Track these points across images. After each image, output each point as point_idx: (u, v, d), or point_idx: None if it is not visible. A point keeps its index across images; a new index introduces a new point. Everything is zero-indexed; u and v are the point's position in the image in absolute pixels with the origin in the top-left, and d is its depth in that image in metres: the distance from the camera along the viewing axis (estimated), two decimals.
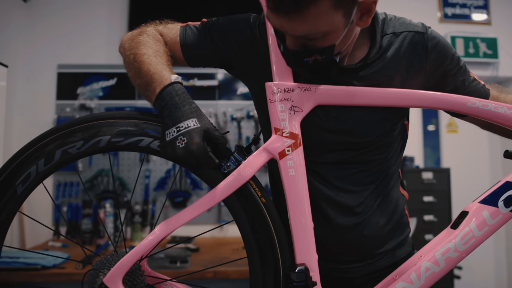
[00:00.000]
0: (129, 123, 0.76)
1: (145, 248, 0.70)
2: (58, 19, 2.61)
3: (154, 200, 2.57)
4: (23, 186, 0.75)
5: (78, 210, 2.43)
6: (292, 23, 0.65)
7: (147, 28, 0.86)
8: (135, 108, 2.56)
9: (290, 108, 0.76)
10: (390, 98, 0.78)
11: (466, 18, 2.96)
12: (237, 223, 0.76)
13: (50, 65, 2.57)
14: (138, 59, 0.77)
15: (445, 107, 0.79)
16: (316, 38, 0.68)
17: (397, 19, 0.83)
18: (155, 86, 0.73)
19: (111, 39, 2.63)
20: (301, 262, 0.74)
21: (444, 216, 2.25)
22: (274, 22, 0.68)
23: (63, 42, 2.60)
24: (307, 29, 0.66)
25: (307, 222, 0.75)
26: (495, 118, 0.79)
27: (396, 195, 0.93)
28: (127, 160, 2.58)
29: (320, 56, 0.70)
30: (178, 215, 0.71)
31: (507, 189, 0.78)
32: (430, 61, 0.81)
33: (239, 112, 2.66)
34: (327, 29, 0.66)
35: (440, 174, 2.31)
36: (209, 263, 1.79)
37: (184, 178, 2.59)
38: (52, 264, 1.71)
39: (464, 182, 2.78)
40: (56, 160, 0.75)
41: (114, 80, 2.60)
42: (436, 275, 0.75)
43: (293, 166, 0.75)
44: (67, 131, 0.76)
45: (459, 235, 0.76)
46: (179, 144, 0.67)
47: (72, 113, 2.54)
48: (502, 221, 0.77)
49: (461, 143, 3.01)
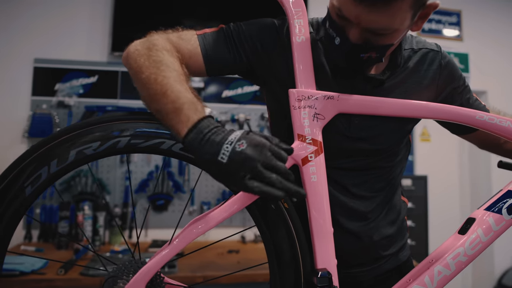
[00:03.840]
0: (150, 124, 0.74)
1: (170, 254, 0.68)
2: (36, 11, 2.49)
3: (135, 203, 2.51)
4: (32, 187, 0.71)
5: (52, 212, 2.32)
6: (372, 14, 0.65)
7: (160, 40, 0.76)
8: (117, 107, 2.48)
9: (314, 116, 0.78)
10: (406, 109, 0.81)
11: (440, 33, 3.12)
12: (259, 228, 0.76)
13: (26, 59, 2.45)
14: (161, 82, 0.68)
15: (455, 119, 0.84)
16: (384, 34, 0.69)
17: (413, 37, 0.90)
18: (188, 117, 0.65)
19: (93, 34, 2.54)
20: (322, 267, 0.75)
21: (421, 221, 2.35)
22: (350, 11, 0.67)
23: (41, 35, 2.48)
24: (384, 23, 0.67)
25: (328, 227, 0.77)
26: (500, 131, 0.85)
27: (399, 202, 0.98)
28: (107, 160, 2.50)
29: (376, 53, 0.72)
30: (205, 219, 0.70)
31: (509, 197, 0.84)
32: (442, 77, 0.88)
33: (223, 115, 2.65)
34: (397, 27, 0.68)
35: (418, 181, 2.41)
36: (198, 268, 1.77)
37: (167, 181, 2.54)
38: (30, 269, 1.62)
39: (437, 188, 2.92)
40: (70, 161, 0.72)
41: (95, 78, 2.51)
42: (447, 278, 0.78)
43: (315, 172, 0.77)
44: (83, 130, 0.73)
45: (468, 240, 0.80)
46: (239, 148, 0.60)
47: (49, 110, 2.42)
48: (505, 227, 0.83)
49: (433, 151, 3.16)
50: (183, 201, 2.56)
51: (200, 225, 0.69)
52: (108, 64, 2.51)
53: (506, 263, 2.90)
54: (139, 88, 0.73)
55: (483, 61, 3.10)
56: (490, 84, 3.10)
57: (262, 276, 1.78)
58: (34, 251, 2.07)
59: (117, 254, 2.05)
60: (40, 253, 2.04)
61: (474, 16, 3.14)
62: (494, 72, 3.12)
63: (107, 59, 2.52)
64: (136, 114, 0.75)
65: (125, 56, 0.77)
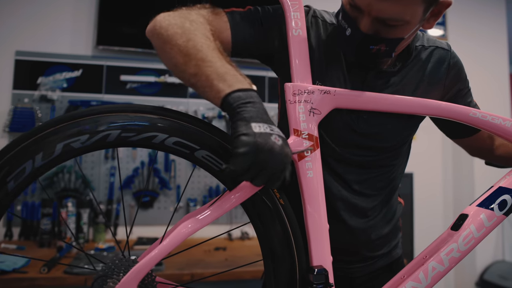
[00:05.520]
0: (142, 117, 0.72)
1: (164, 252, 0.66)
2: (18, 1, 2.40)
3: (119, 200, 2.45)
4: (15, 182, 0.67)
5: (34, 209, 2.25)
6: (384, 3, 0.66)
7: (192, 13, 0.76)
8: (101, 102, 2.42)
9: (310, 110, 0.76)
10: (401, 105, 0.81)
11: (425, 33, 3.16)
12: (254, 225, 0.75)
13: (7, 51, 2.36)
14: (200, 48, 0.66)
15: (450, 115, 0.84)
16: (394, 26, 0.70)
17: (424, 35, 0.91)
18: (238, 80, 0.63)
19: (77, 27, 2.46)
20: (318, 264, 0.74)
21: (406, 218, 2.39)
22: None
23: (23, 27, 2.40)
24: (395, 13, 0.67)
25: (324, 224, 0.76)
26: (492, 128, 0.85)
27: (396, 202, 1.01)
28: (91, 156, 2.44)
29: (385, 46, 0.72)
30: (198, 215, 0.68)
31: (500, 194, 0.85)
32: (450, 76, 0.90)
33: (211, 111, 2.62)
34: (408, 19, 0.69)
35: (404, 179, 2.43)
36: (185, 266, 1.74)
37: (153, 177, 2.49)
38: (12, 268, 1.56)
39: (422, 186, 2.96)
40: (56, 155, 0.69)
41: (80, 72, 2.43)
42: (441, 274, 0.79)
43: (311, 168, 0.75)
44: (71, 123, 0.70)
45: (461, 236, 0.80)
46: (275, 141, 0.58)
47: (31, 104, 2.34)
48: (496, 223, 0.84)
49: (418, 149, 3.20)
50: (169, 197, 2.53)
51: (191, 224, 0.67)
52: (93, 58, 2.44)
53: (488, 259, 2.97)
54: (169, 56, 0.70)
55: (467, 60, 3.15)
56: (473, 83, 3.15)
57: (250, 273, 1.77)
58: (16, 249, 2.01)
59: (101, 252, 2.00)
60: (21, 251, 1.98)
61: (458, 15, 3.19)
62: (478, 70, 3.18)
63: (92, 52, 2.45)
64: (127, 106, 0.72)
65: (152, 26, 0.74)
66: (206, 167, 0.73)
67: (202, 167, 0.73)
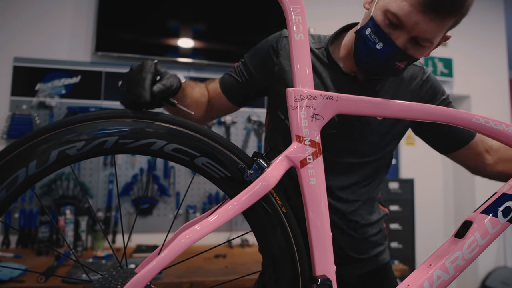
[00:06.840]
0: (140, 123, 0.70)
1: (163, 264, 0.64)
2: (17, 7, 2.40)
3: (118, 207, 2.43)
4: (7, 191, 0.65)
5: (32, 217, 2.23)
6: (432, 24, 0.70)
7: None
8: (100, 108, 2.41)
9: (312, 116, 0.75)
10: (404, 111, 0.80)
11: None
12: (255, 233, 0.73)
13: (6, 58, 2.36)
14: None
15: (453, 121, 0.82)
16: (423, 47, 0.74)
17: None
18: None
19: (76, 33, 2.46)
20: (321, 273, 0.72)
21: (408, 224, 2.36)
22: (409, 17, 0.71)
23: (22, 33, 2.40)
24: (433, 34, 0.72)
25: (327, 232, 0.74)
26: (495, 134, 0.84)
27: (378, 209, 1.05)
28: (89, 163, 2.42)
29: (406, 64, 0.77)
30: (202, 221, 0.66)
31: (504, 200, 0.84)
32: (424, 90, 0.95)
33: None
34: (436, 42, 0.74)
35: (405, 185, 2.42)
36: (184, 274, 1.72)
37: (152, 184, 2.48)
38: (9, 277, 1.53)
39: (423, 191, 2.95)
40: (51, 162, 0.67)
41: (78, 78, 2.43)
42: (446, 282, 0.77)
43: (314, 175, 0.74)
44: (66, 129, 0.68)
45: (466, 244, 0.79)
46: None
47: (29, 111, 2.34)
48: (500, 230, 0.82)
49: (418, 154, 3.20)
50: (168, 204, 2.51)
51: (190, 234, 0.65)
52: (92, 64, 2.44)
53: (490, 265, 2.95)
54: None
55: (467, 66, 3.15)
56: (473, 88, 3.16)
57: (251, 281, 1.74)
58: (13, 258, 1.98)
59: (100, 260, 1.98)
60: (19, 260, 1.95)
61: None
62: (478, 75, 3.19)
63: (90, 59, 2.44)
64: (125, 112, 0.71)
65: None
66: (206, 174, 0.71)
67: (202, 174, 0.71)
